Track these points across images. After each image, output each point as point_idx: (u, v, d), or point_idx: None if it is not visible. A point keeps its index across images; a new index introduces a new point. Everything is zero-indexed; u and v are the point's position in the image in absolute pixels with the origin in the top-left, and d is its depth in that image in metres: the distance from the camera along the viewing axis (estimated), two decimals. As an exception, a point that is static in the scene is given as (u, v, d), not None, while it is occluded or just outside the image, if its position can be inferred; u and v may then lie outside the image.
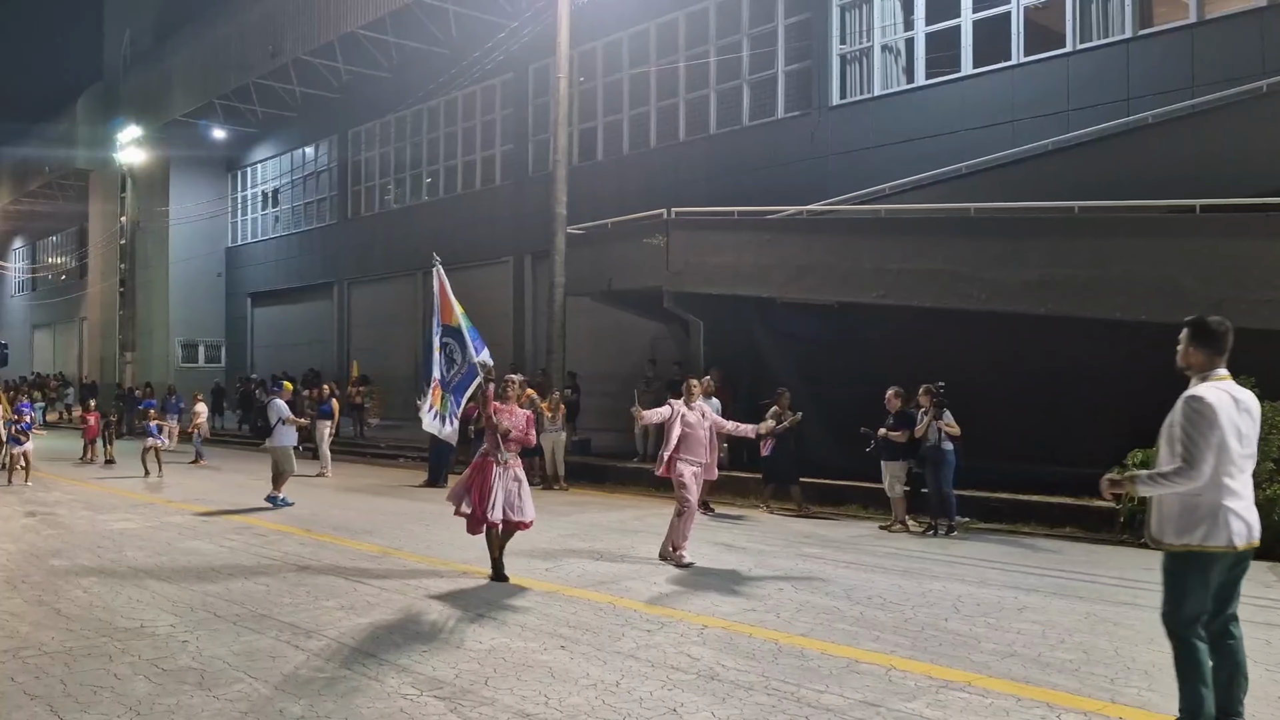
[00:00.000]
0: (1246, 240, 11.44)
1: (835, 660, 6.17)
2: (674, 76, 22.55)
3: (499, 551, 8.79)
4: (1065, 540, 11.47)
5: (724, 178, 20.89)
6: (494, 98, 27.56)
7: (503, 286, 26.81)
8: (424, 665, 6.05)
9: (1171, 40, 15.46)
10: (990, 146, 16.35)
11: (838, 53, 19.53)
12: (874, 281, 14.54)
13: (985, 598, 8.07)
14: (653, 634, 6.84)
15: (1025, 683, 5.71)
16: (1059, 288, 12.72)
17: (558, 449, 16.61)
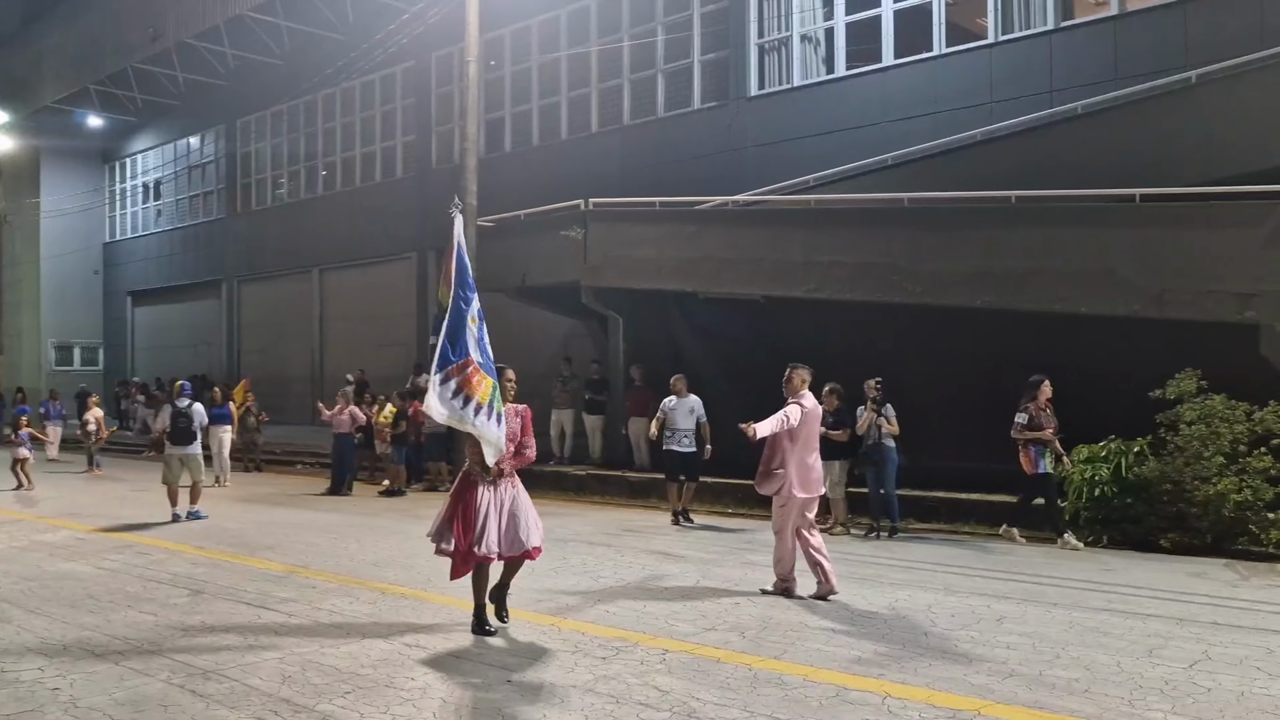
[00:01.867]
0: (1188, 231, 11.22)
1: (821, 688, 5.47)
2: (586, 65, 21.74)
3: (496, 592, 7.03)
4: (1009, 540, 11.09)
5: (639, 170, 20.18)
6: (394, 86, 26.32)
7: (405, 284, 25.61)
8: (349, 712, 5.15)
9: (1094, 32, 15.35)
10: (913, 138, 15.98)
11: (755, 42, 19.01)
12: (804, 275, 14.00)
13: (957, 607, 7.51)
14: (609, 662, 6.05)
15: (1038, 708, 5.11)
16: (997, 280, 12.35)
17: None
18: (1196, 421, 10.26)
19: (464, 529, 6.70)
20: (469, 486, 6.82)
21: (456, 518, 6.76)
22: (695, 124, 19.84)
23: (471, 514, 6.71)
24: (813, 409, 8.04)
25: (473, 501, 6.74)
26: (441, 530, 6.84)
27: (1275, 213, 10.63)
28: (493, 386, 6.77)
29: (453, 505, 6.86)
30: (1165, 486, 10.33)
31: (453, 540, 6.72)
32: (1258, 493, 9.84)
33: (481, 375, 6.75)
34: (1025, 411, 10.89)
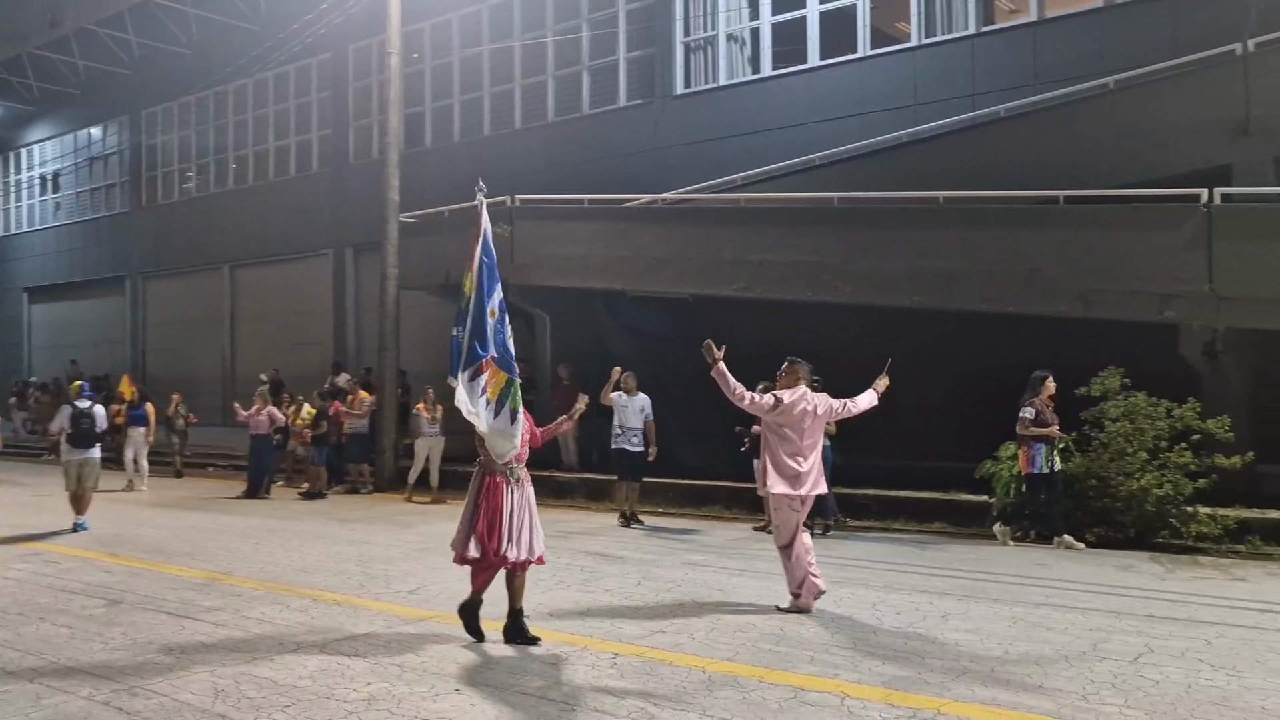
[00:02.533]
0: (1111, 232, 11.50)
1: (778, 690, 5.39)
2: (509, 61, 21.44)
3: (513, 620, 6.53)
4: (939, 536, 11.23)
5: (564, 167, 19.95)
6: (309, 79, 25.60)
7: (321, 281, 24.93)
8: (291, 726, 4.89)
9: (1014, 37, 15.65)
10: (839, 139, 16.11)
11: (681, 41, 18.95)
12: (735, 274, 14.01)
13: (901, 604, 7.52)
14: (559, 667, 5.88)
15: (996, 705, 5.10)
16: (926, 280, 12.51)
17: (435, 454, 15.15)
18: (1120, 419, 10.50)
19: (489, 531, 6.34)
20: (495, 488, 6.45)
21: (483, 518, 6.36)
22: (621, 122, 19.71)
23: (499, 516, 6.36)
24: (795, 404, 7.47)
25: (499, 502, 6.39)
26: (465, 535, 6.41)
27: (1194, 216, 10.95)
28: (508, 382, 6.48)
29: (476, 506, 6.43)
30: (1091, 482, 10.55)
31: (480, 547, 6.32)
32: (1178, 487, 10.10)
33: (496, 370, 6.46)
34: (1031, 406, 10.46)
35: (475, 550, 6.32)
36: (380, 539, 11.10)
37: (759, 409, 7.50)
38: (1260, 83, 11.85)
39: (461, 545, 6.41)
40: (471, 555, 6.34)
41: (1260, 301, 10.62)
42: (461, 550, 6.41)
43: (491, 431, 6.44)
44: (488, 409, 6.42)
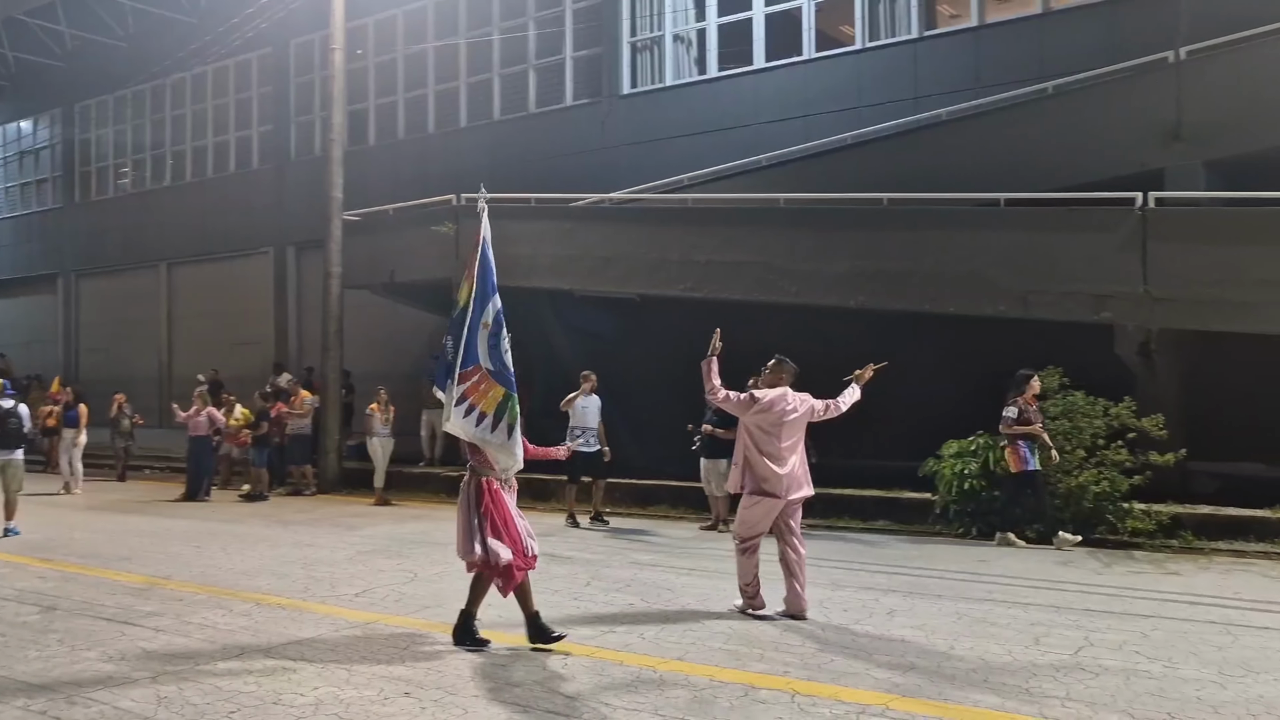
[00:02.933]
0: (1050, 234, 11.74)
1: (729, 688, 5.42)
2: (454, 58, 21.29)
3: (533, 623, 6.36)
4: (881, 534, 11.37)
5: (509, 166, 19.83)
6: (250, 73, 25.19)
7: (262, 279, 24.53)
8: (237, 733, 4.82)
9: (956, 42, 15.92)
10: (784, 140, 16.26)
11: (628, 41, 18.99)
12: (681, 274, 14.06)
13: (847, 601, 7.61)
14: (508, 669, 5.86)
15: (943, 700, 5.18)
16: (870, 280, 12.67)
17: (385, 455, 14.92)
18: (1059, 417, 10.71)
19: (510, 537, 6.22)
20: (497, 494, 6.30)
21: (500, 527, 6.21)
22: (568, 121, 19.68)
23: (510, 518, 6.27)
24: (773, 404, 7.18)
25: (505, 507, 6.29)
26: (488, 547, 6.17)
27: (1129, 218, 11.23)
28: (505, 396, 6.28)
29: (486, 516, 6.24)
30: (1031, 479, 10.74)
31: (508, 551, 6.16)
32: (1115, 484, 10.34)
33: (490, 383, 6.27)
34: (1015, 405, 10.42)
35: (506, 554, 6.15)
36: (325, 541, 10.96)
37: (736, 407, 7.26)
38: (1192, 89, 12.17)
39: (483, 556, 6.18)
40: (503, 561, 6.15)
41: (1191, 303, 10.92)
42: (484, 559, 6.18)
43: (488, 445, 6.29)
44: (470, 418, 6.25)
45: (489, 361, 6.32)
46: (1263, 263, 10.60)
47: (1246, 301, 10.60)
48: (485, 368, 6.31)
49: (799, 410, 7.25)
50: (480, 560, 6.22)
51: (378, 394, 15.11)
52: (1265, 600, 7.55)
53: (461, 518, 6.35)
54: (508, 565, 6.17)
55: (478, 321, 6.34)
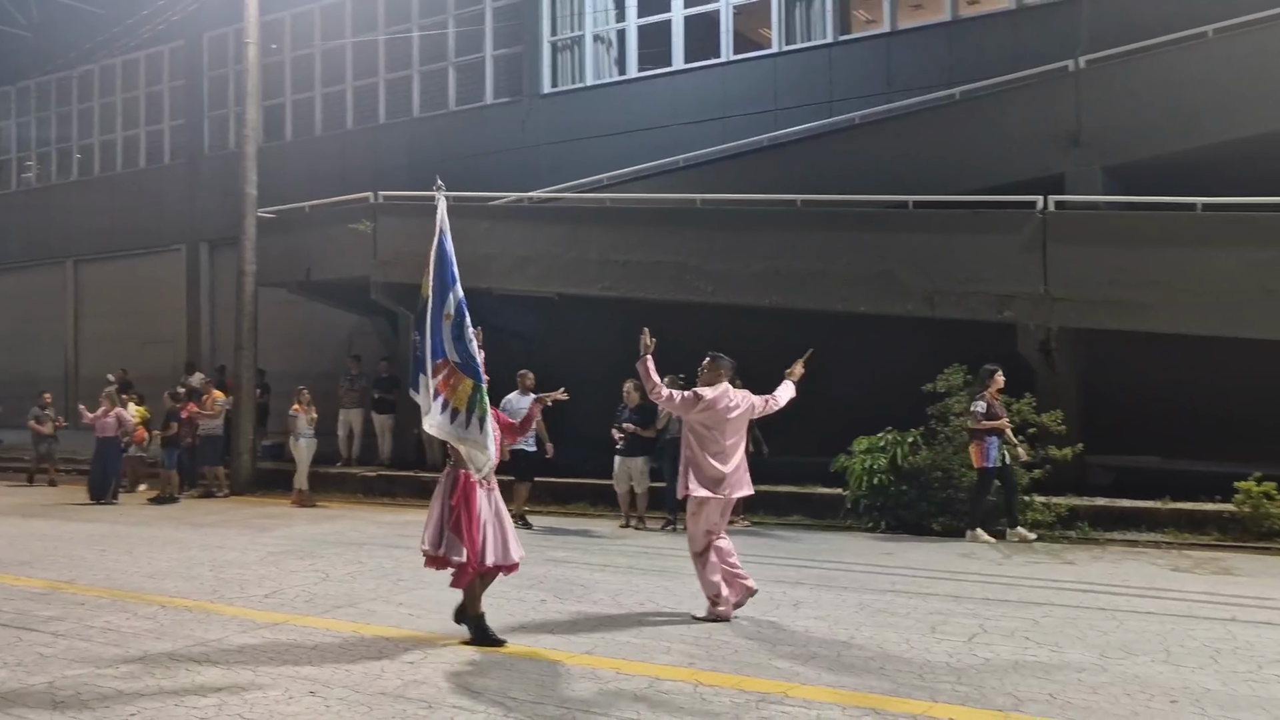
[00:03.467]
0: (955, 236, 12.09)
1: (635, 680, 5.52)
2: (373, 54, 21.06)
3: (476, 605, 6.43)
4: (796, 528, 11.59)
5: (429, 164, 19.51)
6: (161, 66, 24.56)
7: (174, 277, 23.94)
8: (136, 735, 4.76)
9: (869, 47, 16.24)
10: (701, 142, 16.43)
11: (549, 40, 19.00)
12: (600, 273, 14.14)
13: (757, 595, 7.75)
14: (417, 666, 5.88)
15: (840, 687, 5.35)
16: (784, 280, 12.90)
17: (309, 455, 14.62)
18: (963, 414, 11.04)
19: (471, 536, 6.15)
20: (469, 489, 6.22)
21: (461, 521, 6.16)
22: (488, 119, 19.60)
23: (476, 520, 6.18)
24: (717, 401, 7.08)
25: (475, 506, 6.20)
26: (448, 541, 6.18)
27: (1030, 221, 11.62)
28: (474, 388, 6.18)
29: (454, 511, 6.19)
30: (936, 474, 11.08)
31: (464, 550, 6.13)
32: (1017, 477, 10.68)
33: (459, 377, 6.17)
34: (982, 400, 10.46)
35: (460, 554, 6.13)
36: (236, 543, 10.80)
37: (680, 407, 7.16)
38: (1090, 96, 12.63)
39: (443, 549, 6.19)
40: (456, 559, 6.15)
41: (1089, 303, 11.34)
42: (443, 554, 6.19)
43: (463, 442, 6.22)
44: (444, 413, 6.19)
45: (454, 353, 6.23)
46: (1155, 264, 11.06)
47: (1140, 302, 11.04)
48: (452, 360, 6.22)
49: (741, 407, 7.18)
50: (432, 553, 6.25)
51: (300, 394, 14.84)
52: (1151, 587, 7.91)
53: (433, 508, 6.36)
54: (460, 564, 6.17)
55: (440, 313, 6.26)
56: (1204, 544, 9.94)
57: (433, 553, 6.27)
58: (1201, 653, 5.93)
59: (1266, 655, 5.85)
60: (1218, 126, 11.92)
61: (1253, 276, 10.58)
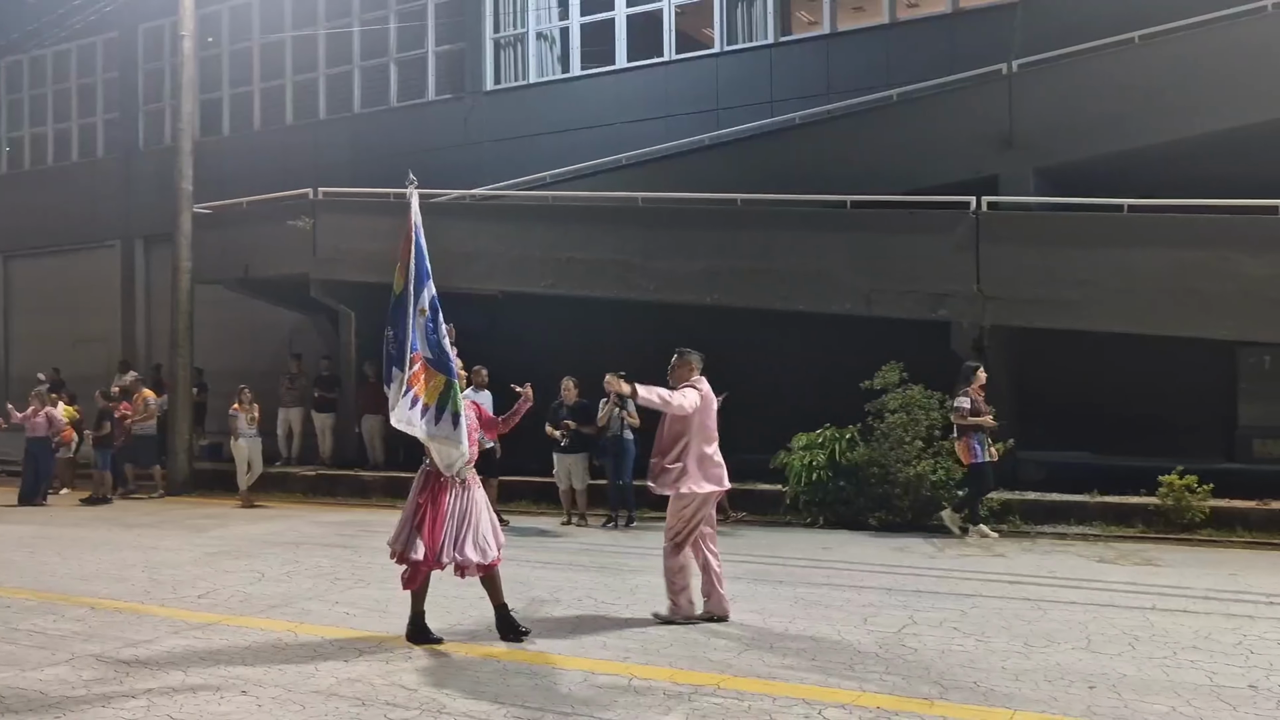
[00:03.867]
0: (891, 236, 12.29)
1: (569, 675, 5.57)
2: (313, 49, 20.82)
3: (502, 616, 6.44)
4: (737, 524, 11.69)
5: (371, 161, 19.50)
6: (94, 58, 24.02)
7: (109, 274, 23.43)
8: (61, 737, 4.70)
9: (809, 48, 16.40)
10: (644, 140, 16.48)
11: (491, 37, 18.92)
12: (543, 270, 14.15)
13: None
14: (351, 664, 5.86)
15: (772, 679, 5.44)
16: (725, 278, 13.02)
17: (255, 456, 14.37)
18: (899, 410, 11.24)
19: (432, 535, 6.11)
20: (440, 489, 6.20)
21: (425, 523, 6.12)
22: (431, 116, 19.48)
23: (441, 519, 6.13)
24: (709, 395, 7.02)
25: (442, 505, 6.15)
26: (409, 537, 6.15)
27: (964, 221, 11.86)
28: (446, 384, 6.12)
29: (420, 508, 6.18)
30: (873, 470, 11.24)
31: (422, 548, 6.09)
32: (950, 473, 10.92)
33: (430, 372, 6.11)
34: (966, 396, 10.43)
35: (417, 552, 6.10)
36: (169, 544, 10.64)
37: (689, 408, 6.79)
38: (1022, 99, 12.90)
39: (402, 544, 6.20)
40: (413, 556, 6.12)
41: (1020, 301, 11.61)
42: (402, 549, 6.19)
43: (433, 439, 6.16)
44: (415, 410, 6.10)
45: (427, 349, 6.18)
46: (1082, 264, 11.35)
47: (1068, 300, 11.33)
48: (424, 356, 6.16)
49: (714, 397, 7.15)
50: (396, 555, 6.24)
51: (241, 394, 14.57)
52: (1076, 578, 8.13)
53: (406, 506, 6.36)
54: (415, 562, 6.13)
55: (414, 308, 6.20)
56: (1129, 536, 10.24)
57: (395, 548, 6.27)
58: (1120, 640, 6.12)
59: (1182, 642, 6.06)
60: (1144, 130, 12.24)
61: (1176, 276, 10.91)
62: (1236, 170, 12.27)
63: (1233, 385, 12.86)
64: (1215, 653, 5.81)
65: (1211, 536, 10.04)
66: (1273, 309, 10.50)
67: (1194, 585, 7.73)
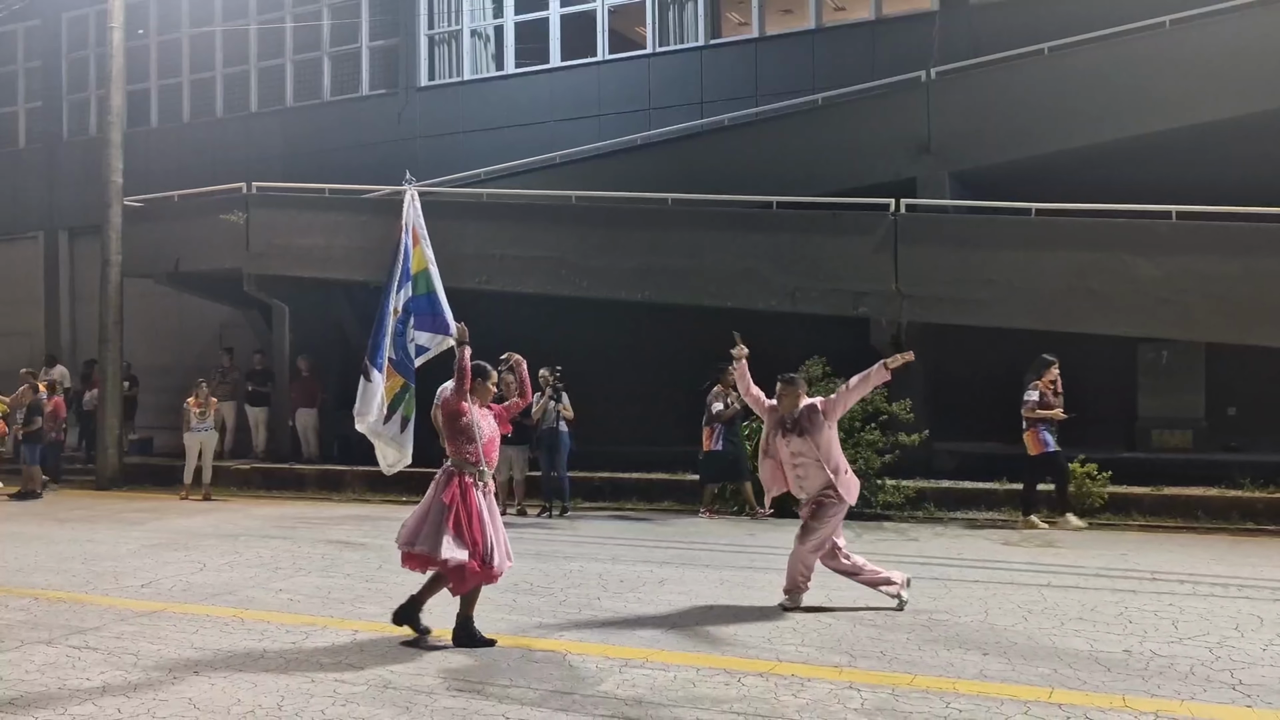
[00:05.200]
0: (814, 236, 12.82)
1: (508, 653, 5.93)
2: (244, 41, 20.72)
3: (412, 606, 6.22)
4: (666, 513, 12.13)
5: (305, 155, 19.54)
6: (15, 46, 23.54)
7: (31, 266, 23.02)
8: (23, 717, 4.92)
9: (738, 51, 16.86)
10: (577, 139, 16.81)
11: (426, 33, 19.06)
12: (477, 267, 14.41)
13: (625, 574, 8.25)
14: (300, 646, 6.15)
15: (696, 653, 5.86)
16: (656, 276, 13.44)
17: (206, 450, 14.32)
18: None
19: (472, 535, 5.90)
20: (467, 489, 5.97)
21: (462, 523, 5.89)
22: (364, 111, 19.55)
23: (478, 519, 5.95)
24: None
25: (475, 508, 5.96)
26: (438, 538, 5.84)
27: (883, 223, 12.43)
28: (403, 387, 6.22)
29: (451, 510, 5.90)
30: (798, 460, 11.73)
31: (466, 550, 5.85)
32: (869, 463, 11.45)
33: (393, 374, 6.22)
34: (1035, 389, 10.52)
35: (458, 553, 5.83)
36: (105, 537, 10.73)
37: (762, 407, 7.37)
38: (939, 106, 13.51)
39: (429, 546, 5.88)
40: (455, 558, 5.82)
41: (934, 299, 12.22)
42: (429, 551, 5.89)
43: (378, 437, 6.25)
44: (387, 422, 6.24)
45: (392, 350, 6.33)
46: (991, 265, 12.00)
47: (977, 299, 11.97)
48: (389, 356, 6.31)
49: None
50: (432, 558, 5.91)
51: (198, 388, 14.47)
52: (981, 559, 8.71)
53: (422, 508, 6.07)
54: (460, 566, 5.87)
55: (389, 308, 6.37)
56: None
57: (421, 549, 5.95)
58: (1015, 613, 6.67)
59: (1069, 614, 6.62)
60: (1052, 137, 12.93)
61: (1077, 276, 11.60)
62: (1139, 177, 12.99)
63: (1133, 380, 13.67)
64: (1098, 623, 6.38)
65: (1110, 520, 10.73)
66: (1162, 308, 11.24)
67: (1088, 564, 8.34)
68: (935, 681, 5.23)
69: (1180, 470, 11.99)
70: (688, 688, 5.20)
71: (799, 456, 6.97)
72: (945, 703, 4.89)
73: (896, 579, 6.95)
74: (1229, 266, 11.19)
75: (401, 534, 6.11)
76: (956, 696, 4.98)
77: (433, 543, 5.89)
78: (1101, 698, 4.92)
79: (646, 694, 5.11)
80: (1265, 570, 8.02)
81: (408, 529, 6.07)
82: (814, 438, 6.91)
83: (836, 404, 7.07)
